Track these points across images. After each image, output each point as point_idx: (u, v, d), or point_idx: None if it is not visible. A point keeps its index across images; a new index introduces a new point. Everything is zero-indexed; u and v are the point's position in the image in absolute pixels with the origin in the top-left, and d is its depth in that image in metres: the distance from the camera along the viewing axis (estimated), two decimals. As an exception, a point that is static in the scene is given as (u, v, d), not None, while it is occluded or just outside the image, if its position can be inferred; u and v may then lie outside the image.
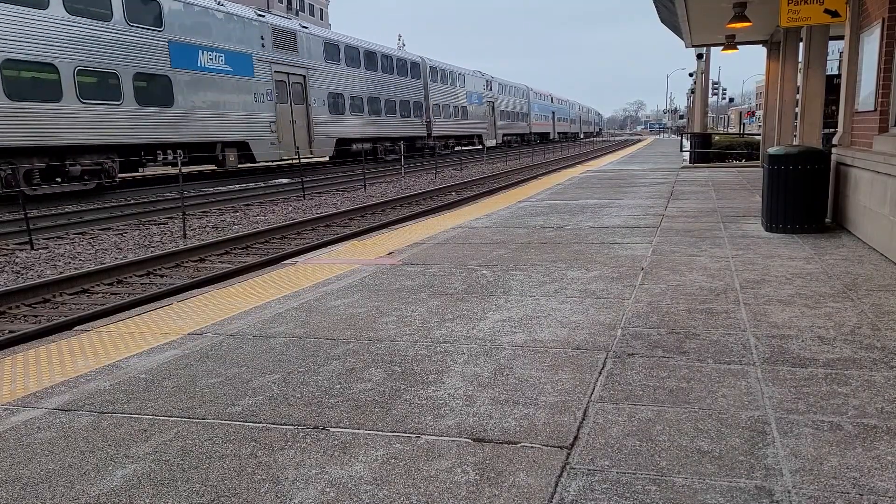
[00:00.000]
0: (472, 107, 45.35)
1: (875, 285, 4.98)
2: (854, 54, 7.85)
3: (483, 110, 47.40)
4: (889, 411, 2.82)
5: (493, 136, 50.25)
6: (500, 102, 52.28)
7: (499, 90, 52.03)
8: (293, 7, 63.80)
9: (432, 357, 3.68)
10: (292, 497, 2.31)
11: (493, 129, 50.25)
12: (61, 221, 13.33)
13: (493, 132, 50.43)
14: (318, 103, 27.31)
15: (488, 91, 49.04)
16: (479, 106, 46.50)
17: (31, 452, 2.71)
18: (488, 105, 48.91)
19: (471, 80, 45.39)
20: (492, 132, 49.86)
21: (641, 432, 2.69)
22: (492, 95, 49.83)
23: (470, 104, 44.85)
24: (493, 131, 50.28)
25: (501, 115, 52.73)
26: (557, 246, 7.01)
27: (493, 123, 50.26)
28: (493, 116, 50.27)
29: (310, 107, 26.62)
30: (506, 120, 54.25)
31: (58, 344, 4.19)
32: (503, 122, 53.35)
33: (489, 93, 49.09)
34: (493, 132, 50.24)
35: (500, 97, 52.10)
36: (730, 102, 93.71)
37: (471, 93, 45.08)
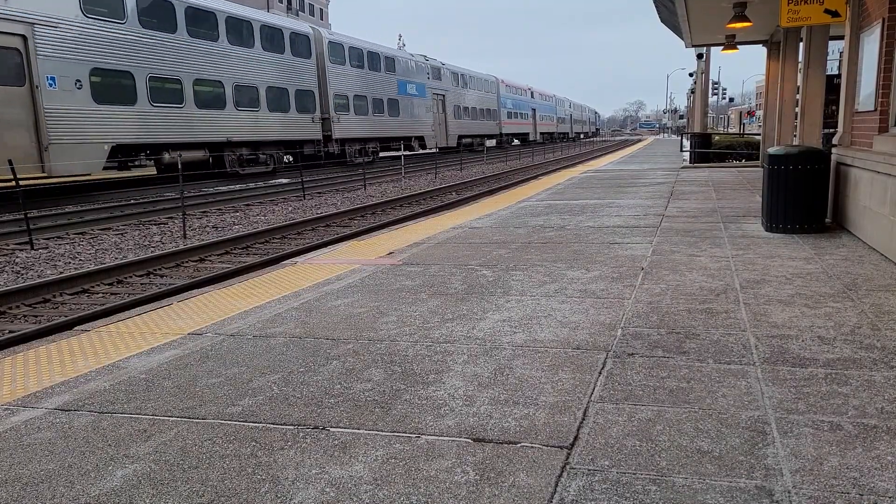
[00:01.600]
0: (408, 100, 35.25)
1: (875, 285, 4.98)
2: (854, 54, 7.85)
3: (427, 105, 37.78)
4: (889, 411, 2.82)
5: (443, 138, 40.50)
6: (454, 96, 42.52)
7: (452, 81, 42.42)
8: (293, 7, 63.81)
9: (432, 357, 3.68)
10: (292, 497, 2.31)
11: (442, 128, 40.35)
12: (61, 221, 13.33)
13: (443, 133, 40.55)
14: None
15: (435, 81, 39.31)
16: (419, 100, 36.77)
17: (31, 452, 2.71)
18: (436, 99, 39.15)
19: (405, 66, 35.59)
20: (440, 132, 40.02)
21: (641, 432, 2.69)
22: (441, 87, 40.15)
23: (404, 96, 34.77)
24: (441, 131, 40.33)
25: (456, 112, 42.82)
26: (557, 246, 7.01)
27: (442, 122, 40.45)
28: (441, 113, 40.39)
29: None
30: (463, 118, 44.34)
31: (58, 344, 4.19)
32: (459, 120, 43.48)
33: (436, 83, 39.41)
34: (441, 132, 40.31)
35: (453, 90, 42.31)
36: (730, 102, 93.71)
37: (406, 82, 35.31)
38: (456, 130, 43.26)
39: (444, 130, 41.20)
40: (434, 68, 39.86)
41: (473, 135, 47.10)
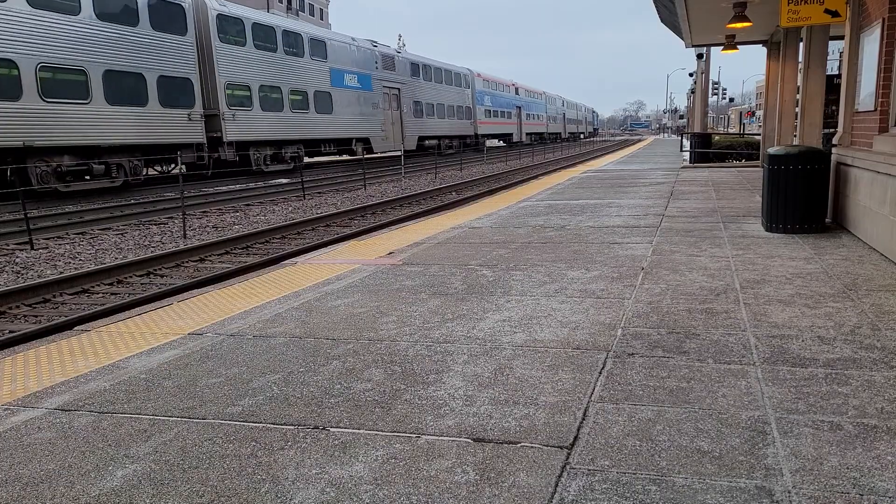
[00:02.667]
0: (346, 94, 29.24)
1: (875, 285, 4.98)
2: (854, 54, 7.85)
3: (374, 100, 31.56)
4: (889, 411, 2.82)
5: (399, 139, 34.09)
6: (413, 90, 36.32)
7: (410, 72, 36.06)
8: (293, 7, 63.81)
9: (432, 357, 3.68)
10: (292, 497, 2.31)
11: (396, 128, 34.02)
12: (61, 221, 13.33)
13: (397, 133, 34.22)
14: None
15: (387, 72, 33.08)
16: (364, 94, 30.62)
17: (31, 452, 2.71)
18: (387, 94, 33.08)
19: (341, 52, 28.92)
20: (393, 133, 33.66)
21: (641, 432, 2.69)
22: (394, 79, 33.90)
23: (340, 89, 28.76)
24: (395, 132, 33.93)
25: (416, 109, 36.76)
26: (558, 246, 7.00)
27: (396, 121, 34.11)
28: (396, 110, 34.10)
29: None
30: (426, 116, 38.12)
31: (58, 344, 4.19)
32: (421, 119, 37.41)
33: (388, 75, 33.16)
34: (395, 133, 33.93)
35: (411, 83, 36.03)
36: (730, 102, 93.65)
37: (342, 71, 29.09)
38: (415, 131, 36.67)
39: (398, 130, 34.39)
40: (385, 56, 33.13)
41: (440, 136, 40.47)
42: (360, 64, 30.79)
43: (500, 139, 55.86)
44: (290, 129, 25.82)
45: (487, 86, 49.72)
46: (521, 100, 59.20)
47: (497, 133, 53.20)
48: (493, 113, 51.19)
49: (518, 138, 58.09)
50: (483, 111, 48.44)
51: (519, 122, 58.54)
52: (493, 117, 51.29)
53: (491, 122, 50.62)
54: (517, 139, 57.79)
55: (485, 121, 48.86)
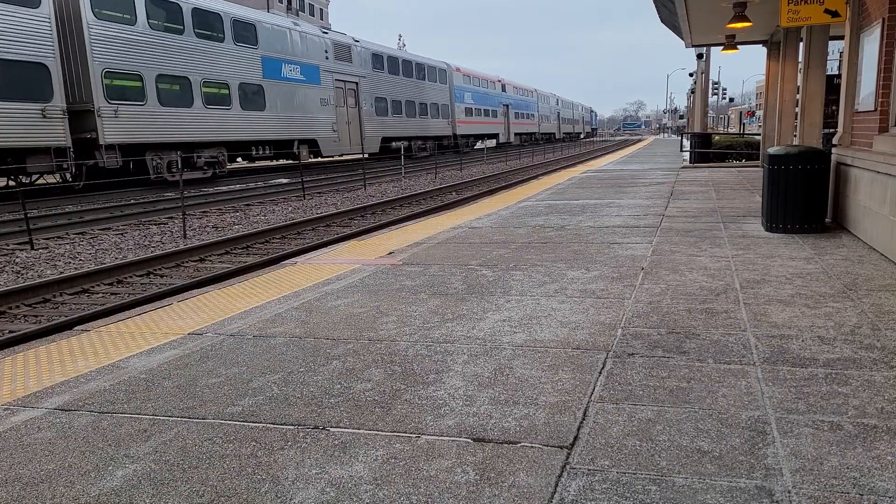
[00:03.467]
0: (284, 87, 24.97)
1: (875, 285, 4.98)
2: (854, 54, 7.85)
3: (324, 96, 27.55)
4: (889, 411, 2.82)
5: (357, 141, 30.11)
6: (375, 85, 31.93)
7: (371, 65, 31.44)
8: (293, 7, 63.81)
9: (432, 357, 3.68)
10: (292, 497, 2.31)
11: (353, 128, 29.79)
12: (61, 221, 13.33)
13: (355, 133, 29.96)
14: None
15: (341, 63, 29.08)
16: (309, 88, 26.56)
17: (31, 452, 2.71)
18: (341, 88, 29.01)
19: (278, 38, 24.70)
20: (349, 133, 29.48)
21: (641, 432, 2.69)
22: (351, 72, 29.77)
23: (276, 82, 24.45)
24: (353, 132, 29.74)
25: (380, 107, 32.40)
26: (557, 246, 7.00)
27: (354, 119, 30.00)
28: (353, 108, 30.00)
29: None
30: (391, 115, 33.65)
31: (58, 344, 4.19)
32: (385, 117, 32.94)
33: (342, 67, 29.16)
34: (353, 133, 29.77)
35: (372, 76, 31.64)
36: (730, 102, 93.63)
37: (280, 61, 24.72)
38: (378, 130, 32.19)
39: (356, 131, 29.93)
40: (339, 45, 28.76)
41: (410, 136, 35.96)
42: (304, 53, 26.12)
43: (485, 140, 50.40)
44: (204, 129, 21.14)
45: (468, 81, 45.29)
46: (508, 97, 54.72)
47: (480, 133, 48.18)
48: (476, 111, 46.57)
49: (506, 139, 53.64)
50: (463, 109, 43.94)
51: (506, 122, 53.88)
52: (476, 116, 46.60)
53: (472, 122, 45.91)
54: (504, 140, 53.35)
55: (465, 120, 44.35)
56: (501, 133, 52.82)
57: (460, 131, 43.46)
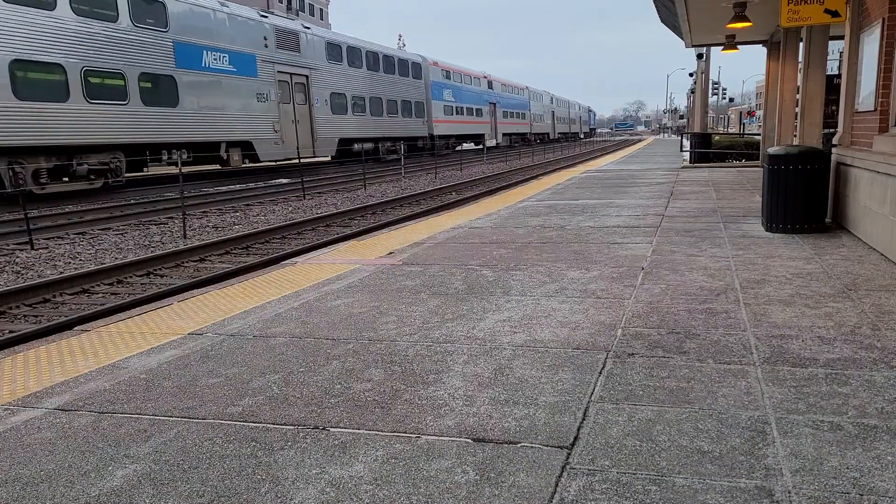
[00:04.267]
0: (205, 79, 20.94)
1: (875, 285, 4.98)
2: (854, 54, 7.85)
3: (262, 90, 23.47)
4: (889, 411, 2.82)
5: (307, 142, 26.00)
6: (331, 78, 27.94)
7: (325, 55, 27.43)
8: (293, 7, 63.81)
9: (432, 357, 3.68)
10: (292, 497, 2.31)
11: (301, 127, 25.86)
12: (61, 221, 13.33)
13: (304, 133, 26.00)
14: None
15: (284, 52, 24.78)
16: (241, 80, 22.53)
17: (31, 452, 2.71)
18: (284, 81, 24.95)
19: (196, 19, 20.75)
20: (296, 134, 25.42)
21: (641, 432, 2.69)
22: (299, 62, 25.63)
23: (194, 72, 20.54)
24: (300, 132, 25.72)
25: (337, 104, 28.32)
26: (557, 246, 7.00)
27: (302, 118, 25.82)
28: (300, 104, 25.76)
29: None
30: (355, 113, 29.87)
31: (58, 344, 4.19)
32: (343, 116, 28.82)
33: (287, 56, 24.86)
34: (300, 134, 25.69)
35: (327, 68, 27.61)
36: (730, 102, 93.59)
37: (198, 47, 20.75)
38: (335, 131, 28.01)
39: (305, 131, 25.78)
40: (282, 32, 24.60)
41: (377, 137, 32.10)
42: (235, 39, 22.17)
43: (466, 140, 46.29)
44: (86, 129, 17.18)
45: (448, 77, 41.32)
46: (495, 95, 50.62)
47: (461, 134, 43.98)
48: (457, 110, 42.51)
49: (492, 140, 49.76)
50: (442, 107, 39.97)
51: (493, 121, 49.91)
52: (457, 115, 42.46)
53: (453, 121, 41.74)
54: (491, 141, 49.37)
55: (444, 119, 40.26)
56: (487, 133, 48.72)
57: (438, 132, 39.40)
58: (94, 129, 17.54)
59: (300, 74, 25.89)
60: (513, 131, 56.43)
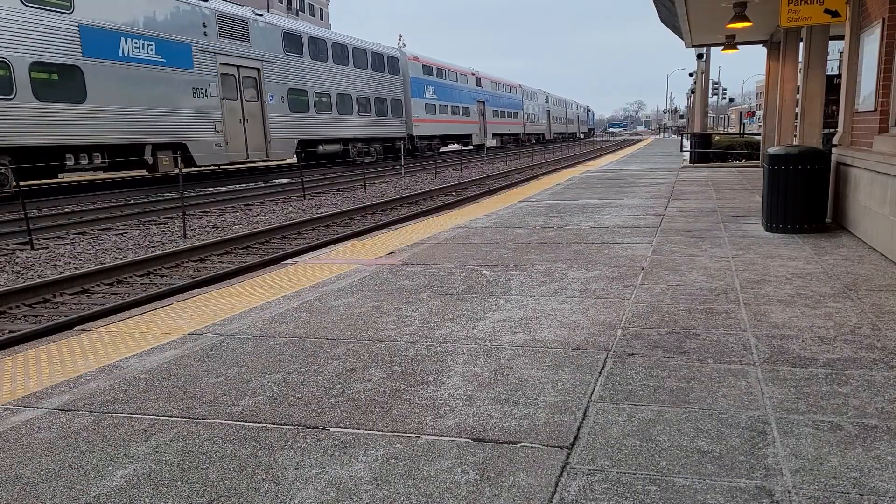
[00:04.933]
0: (111, 70, 17.81)
1: (875, 285, 4.98)
2: (854, 54, 7.85)
3: (196, 84, 20.37)
4: (889, 411, 2.82)
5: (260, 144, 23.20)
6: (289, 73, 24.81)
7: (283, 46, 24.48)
8: (293, 7, 63.82)
9: (432, 357, 3.68)
10: (292, 497, 2.31)
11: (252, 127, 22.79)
12: (61, 221, 13.33)
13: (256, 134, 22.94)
14: None
15: (229, 41, 21.70)
16: (168, 73, 19.42)
17: (31, 452, 2.71)
18: (229, 75, 21.83)
19: (109, 3, 17.81)
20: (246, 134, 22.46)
21: (641, 432, 2.69)
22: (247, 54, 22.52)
23: (102, 62, 17.54)
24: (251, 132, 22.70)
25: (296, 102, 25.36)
26: (558, 246, 7.00)
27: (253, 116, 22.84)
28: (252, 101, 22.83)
29: None
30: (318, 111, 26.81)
31: (58, 344, 4.19)
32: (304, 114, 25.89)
33: (231, 46, 21.76)
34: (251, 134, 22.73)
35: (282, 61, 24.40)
36: (730, 102, 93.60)
37: (112, 34, 17.83)
38: (294, 131, 24.91)
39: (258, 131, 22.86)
40: (227, 19, 21.59)
41: (346, 138, 29.01)
42: (164, 25, 19.14)
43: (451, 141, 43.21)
44: None
45: (430, 73, 38.41)
46: (484, 93, 47.84)
47: (446, 134, 40.86)
48: (441, 108, 39.55)
49: (481, 140, 46.71)
50: (423, 106, 36.99)
51: (482, 121, 46.99)
52: (441, 114, 39.53)
53: (436, 121, 38.80)
54: (479, 141, 46.45)
55: (426, 118, 37.35)
56: (475, 134, 45.81)
57: (419, 132, 36.47)
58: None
59: (250, 67, 22.81)
60: (504, 131, 53.54)
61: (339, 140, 28.79)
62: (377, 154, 31.96)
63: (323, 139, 27.39)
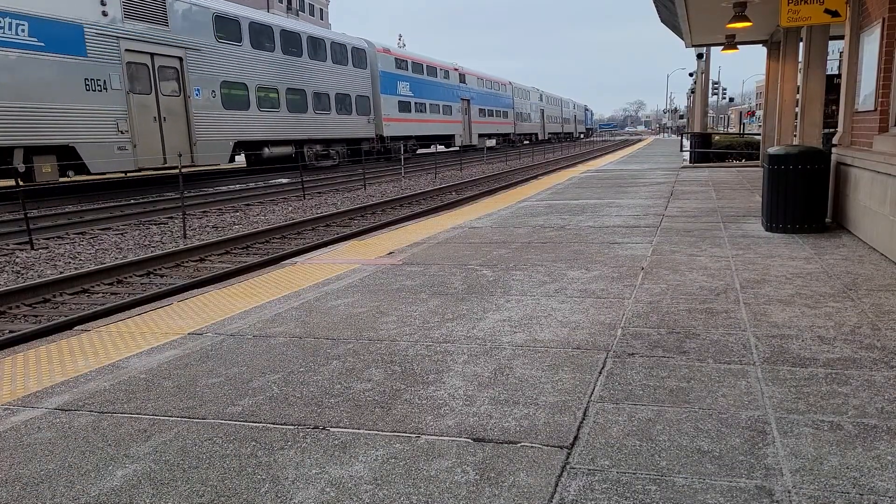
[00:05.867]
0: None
1: (875, 285, 4.98)
2: (854, 54, 7.85)
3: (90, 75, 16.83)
4: (889, 411, 2.82)
5: (183, 147, 19.24)
6: (221, 63, 21.29)
7: (215, 32, 21.01)
8: (293, 7, 63.82)
9: (432, 357, 3.68)
10: (292, 497, 2.31)
11: (171, 127, 19.19)
12: (61, 221, 13.33)
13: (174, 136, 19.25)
14: None
15: (136, 24, 18.12)
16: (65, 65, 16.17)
17: (31, 452, 2.71)
18: (139, 65, 18.26)
19: None
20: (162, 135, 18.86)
21: (641, 432, 2.69)
22: (164, 40, 19.04)
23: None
24: (169, 133, 19.10)
25: (232, 97, 21.68)
26: (558, 246, 7.00)
27: (171, 114, 19.27)
28: (170, 95, 19.26)
29: None
30: (263, 108, 23.25)
31: (58, 344, 4.19)
32: (244, 112, 22.20)
33: (142, 30, 18.32)
34: (169, 136, 19.06)
35: (213, 50, 20.93)
36: (730, 102, 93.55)
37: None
38: (228, 131, 21.31)
39: (179, 131, 19.27)
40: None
41: (298, 139, 25.52)
42: (43, 2, 15.72)
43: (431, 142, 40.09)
44: None
45: (404, 67, 34.84)
46: (469, 90, 44.27)
47: (424, 135, 37.35)
48: (416, 107, 36.18)
49: (466, 141, 43.52)
50: (396, 103, 33.53)
51: (466, 120, 43.57)
52: (417, 112, 36.14)
53: (411, 120, 35.35)
54: (464, 142, 43.26)
55: (399, 118, 33.92)
56: (458, 134, 42.46)
57: (391, 132, 32.91)
58: None
59: (169, 56, 19.10)
60: (492, 131, 49.76)
61: (290, 141, 25.35)
62: (339, 157, 28.70)
63: (269, 140, 23.97)
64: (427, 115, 37.65)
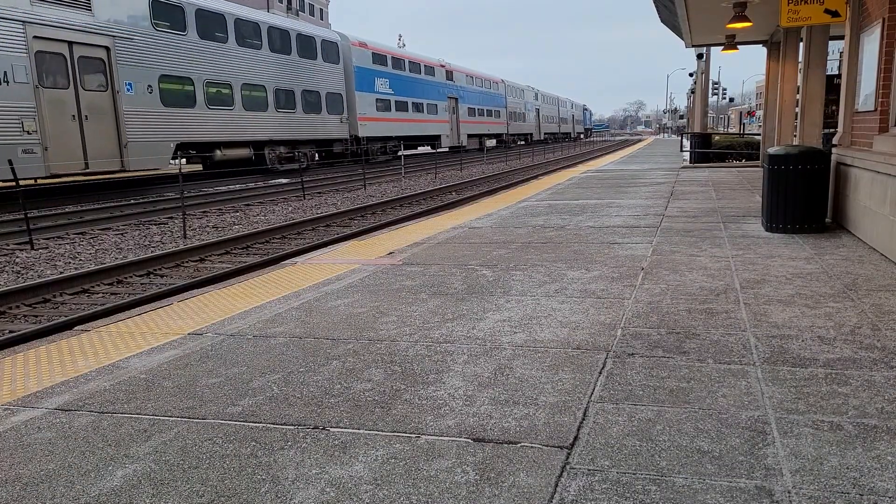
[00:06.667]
0: None
1: (875, 285, 4.98)
2: (854, 54, 7.85)
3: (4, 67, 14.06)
4: (889, 411, 2.82)
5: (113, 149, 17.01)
6: (157, 55, 18.85)
7: (152, 20, 18.61)
8: (293, 7, 63.83)
9: (432, 357, 3.68)
10: (292, 497, 2.31)
11: (99, 125, 16.84)
12: (61, 221, 13.33)
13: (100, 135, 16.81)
14: None
15: (50, 8, 15.49)
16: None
17: (31, 452, 2.71)
18: (60, 55, 15.81)
19: None
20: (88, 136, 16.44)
21: (641, 432, 2.69)
22: (84, 27, 16.36)
23: None
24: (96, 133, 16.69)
25: (173, 93, 19.40)
26: (558, 246, 7.00)
27: (99, 111, 16.75)
28: (95, 90, 16.71)
29: None
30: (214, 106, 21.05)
31: (58, 344, 4.19)
32: (189, 110, 20.06)
33: (60, 15, 15.69)
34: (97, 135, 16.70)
35: (147, 38, 18.43)
36: (730, 102, 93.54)
37: None
38: (167, 132, 19.05)
39: (104, 131, 17.03)
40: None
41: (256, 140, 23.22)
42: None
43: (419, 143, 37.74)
44: None
45: (383, 63, 32.26)
46: (456, 88, 41.88)
47: (406, 135, 34.61)
48: (397, 105, 33.46)
49: (454, 142, 41.31)
50: (373, 101, 31.06)
51: (454, 120, 41.34)
52: (397, 111, 33.52)
53: (390, 119, 32.77)
54: (451, 143, 40.99)
55: (377, 116, 31.39)
56: (445, 135, 40.00)
57: (367, 132, 30.42)
58: None
59: (92, 45, 16.62)
60: (482, 132, 47.16)
61: (246, 143, 22.76)
62: (307, 159, 26.40)
63: (220, 142, 21.29)
64: (409, 115, 34.97)
